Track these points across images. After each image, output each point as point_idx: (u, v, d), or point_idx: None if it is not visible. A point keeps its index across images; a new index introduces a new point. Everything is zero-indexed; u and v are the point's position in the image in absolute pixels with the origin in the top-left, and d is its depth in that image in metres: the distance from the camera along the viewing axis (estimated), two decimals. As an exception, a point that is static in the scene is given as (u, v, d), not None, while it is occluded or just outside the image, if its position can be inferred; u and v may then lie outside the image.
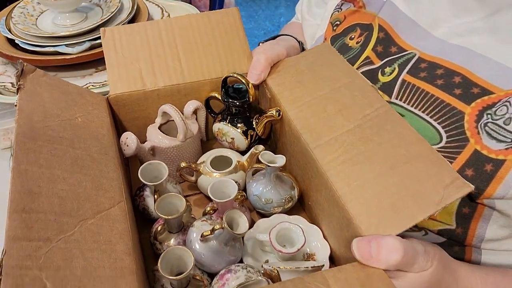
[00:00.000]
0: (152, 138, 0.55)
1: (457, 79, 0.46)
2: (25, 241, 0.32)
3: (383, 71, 0.53)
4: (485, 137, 0.43)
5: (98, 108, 0.51)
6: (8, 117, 0.67)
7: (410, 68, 0.50)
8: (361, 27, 0.59)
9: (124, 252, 0.37)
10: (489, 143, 0.42)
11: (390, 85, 0.51)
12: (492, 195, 0.42)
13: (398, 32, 0.54)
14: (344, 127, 0.47)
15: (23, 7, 0.83)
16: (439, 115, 0.46)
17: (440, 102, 0.47)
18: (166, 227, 0.48)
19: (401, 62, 0.52)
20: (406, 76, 0.50)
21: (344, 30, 0.61)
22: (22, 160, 0.37)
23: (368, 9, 0.59)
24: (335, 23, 0.63)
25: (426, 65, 0.50)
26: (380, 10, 0.57)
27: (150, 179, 0.49)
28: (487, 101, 0.44)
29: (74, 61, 0.73)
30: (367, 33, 0.57)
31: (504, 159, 0.41)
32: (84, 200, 0.39)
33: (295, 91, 0.54)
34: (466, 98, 0.45)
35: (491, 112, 0.43)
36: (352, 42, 0.58)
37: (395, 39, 0.54)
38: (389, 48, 0.54)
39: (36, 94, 0.46)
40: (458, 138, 0.44)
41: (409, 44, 0.53)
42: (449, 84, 0.47)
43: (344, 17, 0.62)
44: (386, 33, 0.55)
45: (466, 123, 0.44)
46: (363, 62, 0.56)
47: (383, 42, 0.55)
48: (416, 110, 0.48)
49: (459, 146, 0.44)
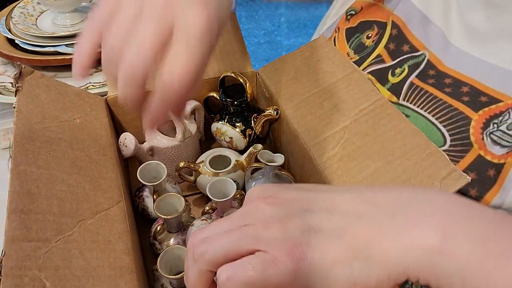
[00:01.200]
0: (150, 139, 0.55)
1: (465, 88, 0.46)
2: (24, 241, 0.32)
3: (394, 71, 0.52)
4: (489, 143, 0.43)
5: (96, 109, 0.52)
6: (8, 117, 0.67)
7: (419, 73, 0.50)
8: (378, 26, 0.58)
9: (123, 251, 0.38)
10: (493, 149, 0.42)
11: (399, 86, 0.51)
12: (490, 202, 0.42)
13: (411, 28, 0.54)
14: (340, 123, 0.47)
15: (23, 7, 0.83)
16: (445, 118, 0.46)
17: (447, 106, 0.46)
18: (166, 227, 0.48)
19: (411, 64, 0.51)
20: (414, 79, 0.50)
21: (359, 24, 0.60)
22: (21, 161, 0.38)
23: (386, 4, 0.58)
24: (349, 12, 0.62)
25: (434, 73, 0.49)
26: (396, 7, 0.56)
27: (149, 180, 0.49)
28: (494, 110, 0.44)
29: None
30: (381, 31, 0.57)
31: (504, 162, 0.41)
32: (83, 201, 0.39)
33: (292, 88, 0.54)
34: (474, 106, 0.45)
35: (497, 121, 0.43)
36: (368, 41, 0.58)
37: (407, 36, 0.54)
38: (401, 46, 0.53)
39: (35, 96, 0.46)
40: (462, 142, 0.44)
41: (421, 42, 0.52)
42: (457, 92, 0.47)
43: (361, 8, 0.60)
44: (399, 30, 0.54)
45: (472, 128, 0.44)
46: (374, 60, 0.55)
47: (395, 39, 0.54)
48: (422, 111, 0.48)
49: (463, 150, 0.44)
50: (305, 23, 2.50)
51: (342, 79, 0.52)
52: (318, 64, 0.55)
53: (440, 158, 0.41)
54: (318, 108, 0.50)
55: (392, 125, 0.45)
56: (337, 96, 0.50)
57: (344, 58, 0.54)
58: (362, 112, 0.47)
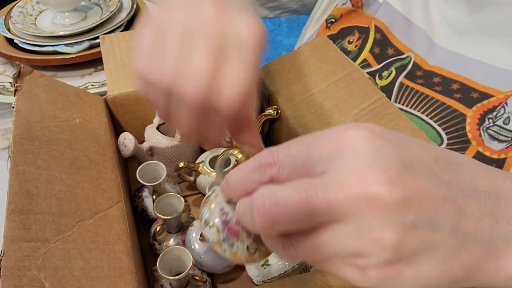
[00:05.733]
0: (150, 139, 0.55)
1: (455, 86, 0.46)
2: (23, 242, 0.32)
3: (381, 75, 0.52)
4: (487, 139, 0.42)
5: (95, 109, 0.51)
6: (7, 117, 0.67)
7: (407, 73, 0.50)
8: (359, 30, 0.58)
9: (122, 252, 0.38)
10: (491, 145, 0.42)
11: (388, 88, 0.51)
12: None
13: (394, 32, 0.54)
14: (341, 123, 0.47)
15: (22, 6, 0.83)
16: (439, 117, 0.46)
17: (440, 104, 0.46)
18: (165, 227, 0.48)
19: (397, 66, 0.51)
20: (403, 79, 0.50)
21: (340, 31, 0.60)
22: (20, 161, 0.38)
23: (365, 10, 0.59)
24: (329, 20, 0.62)
25: (422, 73, 0.49)
26: (377, 12, 0.57)
27: (149, 180, 0.49)
28: (487, 105, 0.44)
29: (73, 60, 0.73)
30: (364, 35, 0.57)
31: (505, 157, 0.41)
32: (82, 201, 0.39)
33: (292, 88, 0.54)
34: (467, 102, 0.45)
35: (492, 116, 0.43)
36: (351, 46, 0.58)
37: (391, 40, 0.54)
38: (386, 50, 0.53)
39: (34, 96, 0.46)
40: (460, 140, 0.44)
41: (405, 44, 0.52)
42: (448, 90, 0.47)
43: (340, 16, 0.61)
44: (383, 33, 0.55)
45: (468, 125, 0.44)
46: (360, 65, 0.56)
47: (380, 43, 0.55)
48: (415, 111, 0.48)
49: (461, 148, 0.44)
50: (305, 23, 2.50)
51: (342, 78, 0.52)
52: (318, 63, 0.55)
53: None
54: (319, 108, 0.50)
55: (393, 124, 0.45)
56: (337, 95, 0.50)
57: (344, 57, 0.54)
58: (363, 112, 0.47)
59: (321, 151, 0.22)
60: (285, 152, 0.23)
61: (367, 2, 0.59)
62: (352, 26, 0.59)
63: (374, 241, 0.20)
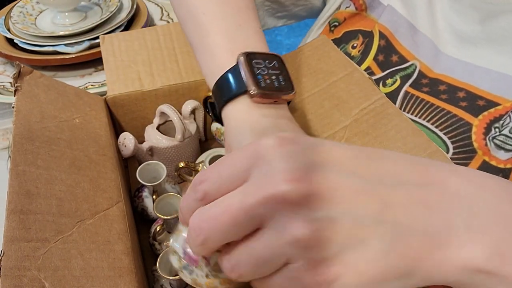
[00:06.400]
0: (150, 139, 0.55)
1: (461, 94, 0.46)
2: (23, 242, 0.32)
3: (385, 82, 0.52)
4: (493, 148, 0.42)
5: (95, 109, 0.51)
6: (7, 117, 0.67)
7: (413, 82, 0.50)
8: (363, 34, 0.58)
9: (122, 252, 0.38)
10: (498, 154, 0.42)
11: (391, 96, 0.50)
12: None
13: (398, 38, 0.53)
14: (341, 123, 0.47)
15: (22, 6, 0.83)
16: (445, 125, 0.45)
17: (446, 113, 0.46)
18: (165, 228, 0.48)
19: (402, 75, 0.51)
20: (409, 88, 0.50)
21: (344, 35, 0.60)
22: (20, 161, 0.38)
23: (369, 13, 0.58)
24: (333, 24, 0.62)
25: (427, 81, 0.49)
26: (381, 16, 0.56)
27: (149, 180, 0.49)
28: (494, 114, 0.43)
29: (73, 60, 0.73)
30: (367, 40, 0.56)
31: (511, 167, 0.41)
32: (82, 201, 0.39)
33: (292, 89, 0.53)
34: (473, 110, 0.44)
35: (498, 125, 0.42)
36: (354, 51, 0.57)
37: (396, 46, 0.53)
38: (390, 57, 0.53)
39: (34, 96, 0.46)
40: (466, 149, 0.43)
41: (410, 52, 0.52)
42: (454, 98, 0.46)
43: (344, 19, 0.60)
44: (387, 40, 0.54)
45: (473, 134, 0.43)
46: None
47: (384, 50, 0.54)
48: (420, 120, 0.47)
49: (467, 157, 0.43)
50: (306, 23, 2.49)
51: (342, 78, 0.52)
52: (318, 63, 0.55)
53: (441, 158, 0.41)
54: (319, 108, 0.50)
55: (393, 124, 0.45)
56: (337, 95, 0.50)
57: (345, 57, 0.54)
58: (363, 112, 0.47)
59: (241, 162, 0.23)
60: (213, 168, 0.24)
61: (371, 5, 0.58)
62: (356, 30, 0.59)
63: (290, 240, 0.21)
